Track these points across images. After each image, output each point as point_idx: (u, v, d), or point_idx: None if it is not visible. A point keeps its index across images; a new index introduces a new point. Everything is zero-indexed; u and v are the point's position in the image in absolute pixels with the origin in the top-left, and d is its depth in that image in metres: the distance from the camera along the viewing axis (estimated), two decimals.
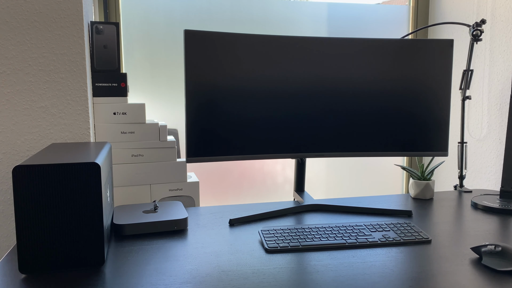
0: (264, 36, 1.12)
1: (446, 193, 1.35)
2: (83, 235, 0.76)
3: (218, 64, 1.09)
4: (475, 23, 1.34)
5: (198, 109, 1.09)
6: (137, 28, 1.52)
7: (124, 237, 0.94)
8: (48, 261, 0.75)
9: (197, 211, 1.15)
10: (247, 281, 0.72)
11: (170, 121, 1.59)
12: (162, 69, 1.56)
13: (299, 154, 1.18)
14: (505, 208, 1.12)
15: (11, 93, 1.10)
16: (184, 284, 0.71)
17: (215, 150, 1.11)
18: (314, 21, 1.68)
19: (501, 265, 0.76)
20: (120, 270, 0.77)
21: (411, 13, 1.77)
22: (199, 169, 1.63)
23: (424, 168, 1.30)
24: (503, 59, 1.44)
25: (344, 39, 1.17)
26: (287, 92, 1.15)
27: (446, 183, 1.73)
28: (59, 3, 1.10)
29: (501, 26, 1.44)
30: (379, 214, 1.12)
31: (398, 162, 1.82)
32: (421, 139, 1.22)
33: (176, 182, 1.24)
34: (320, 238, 0.90)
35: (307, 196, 1.23)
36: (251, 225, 1.03)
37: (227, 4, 1.59)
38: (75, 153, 0.84)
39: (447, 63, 1.21)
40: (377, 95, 1.19)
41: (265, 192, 1.71)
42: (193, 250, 0.87)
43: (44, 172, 0.72)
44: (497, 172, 1.47)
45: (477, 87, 1.55)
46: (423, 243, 0.90)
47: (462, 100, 1.39)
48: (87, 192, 0.75)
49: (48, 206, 0.73)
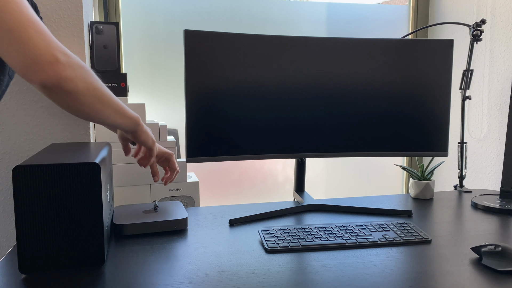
0: (264, 36, 1.12)
1: (446, 193, 1.35)
2: (83, 235, 0.76)
3: (218, 64, 1.09)
4: (475, 23, 1.34)
5: (198, 109, 1.09)
6: (137, 28, 1.52)
7: (124, 237, 0.94)
8: (48, 261, 0.75)
9: (197, 211, 1.15)
10: (247, 281, 0.72)
11: (170, 121, 1.59)
12: (162, 69, 1.56)
13: (299, 154, 1.18)
14: (505, 208, 1.12)
15: (11, 93, 1.10)
16: (184, 284, 0.71)
17: (215, 150, 1.11)
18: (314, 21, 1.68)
19: (501, 265, 0.76)
20: (120, 270, 0.77)
21: (411, 13, 1.77)
22: (199, 169, 1.63)
23: (424, 168, 1.30)
24: (503, 59, 1.44)
25: (344, 39, 1.17)
26: (287, 92, 1.15)
27: (446, 183, 1.73)
28: (59, 3, 1.10)
29: (501, 26, 1.44)
30: (379, 214, 1.12)
31: (398, 162, 1.82)
32: (421, 139, 1.22)
33: (176, 182, 1.24)
34: (320, 238, 0.90)
35: (307, 196, 1.23)
36: (251, 225, 1.03)
37: (227, 4, 1.59)
38: (75, 153, 0.84)
39: (447, 63, 1.21)
40: (377, 95, 1.19)
41: (265, 192, 1.71)
42: (193, 250, 0.87)
43: (44, 172, 0.72)
44: (497, 172, 1.47)
45: (477, 87, 1.55)
46: (423, 243, 0.90)
47: (462, 100, 1.39)
48: (87, 192, 0.75)
49: (48, 206, 0.73)
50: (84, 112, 0.69)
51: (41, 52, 0.61)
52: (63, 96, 0.65)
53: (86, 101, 0.68)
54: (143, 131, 0.88)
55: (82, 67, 0.66)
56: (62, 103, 0.66)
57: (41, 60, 0.61)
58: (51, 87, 0.63)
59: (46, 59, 0.61)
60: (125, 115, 0.80)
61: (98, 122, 0.75)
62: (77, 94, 0.66)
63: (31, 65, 0.61)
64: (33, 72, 0.61)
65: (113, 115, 0.75)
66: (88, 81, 0.67)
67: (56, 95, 0.64)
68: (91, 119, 0.72)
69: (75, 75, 0.65)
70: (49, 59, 0.62)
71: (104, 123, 0.76)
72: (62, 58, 0.63)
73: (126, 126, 0.82)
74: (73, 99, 0.66)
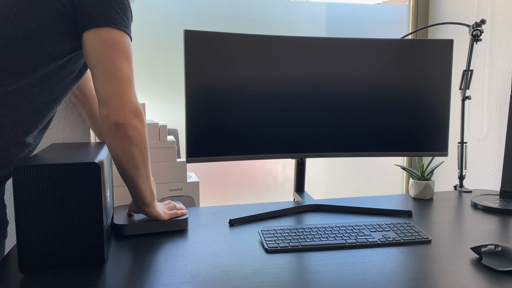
0: (264, 36, 1.12)
1: (446, 193, 1.35)
2: (83, 235, 0.76)
3: (218, 64, 1.09)
4: (475, 23, 1.34)
5: (198, 109, 1.09)
6: (137, 28, 1.52)
7: (124, 237, 0.94)
8: (48, 261, 0.75)
9: (197, 211, 1.15)
10: (247, 281, 0.72)
11: (170, 121, 1.59)
12: (162, 69, 1.56)
13: (299, 154, 1.18)
14: (505, 208, 1.12)
15: None
16: (184, 284, 0.71)
17: (215, 150, 1.11)
18: (314, 21, 1.68)
19: (501, 265, 0.76)
20: (120, 270, 0.77)
21: (411, 13, 1.77)
22: (199, 169, 1.63)
23: (424, 168, 1.30)
24: (503, 59, 1.44)
25: (344, 39, 1.17)
26: (287, 92, 1.15)
27: (446, 183, 1.73)
28: None
29: (501, 26, 1.44)
30: (379, 214, 1.12)
31: (398, 162, 1.82)
32: (421, 139, 1.22)
33: (176, 182, 1.24)
34: (320, 238, 0.90)
35: (307, 196, 1.23)
36: (251, 225, 1.03)
37: (227, 4, 1.59)
38: (75, 153, 0.84)
39: (447, 63, 1.21)
40: (377, 95, 1.19)
41: (265, 192, 1.71)
42: (193, 250, 0.87)
43: (44, 172, 0.72)
44: (497, 172, 1.47)
45: (477, 87, 1.55)
46: (423, 243, 0.90)
47: (462, 100, 1.39)
48: (87, 192, 0.75)
49: (48, 206, 0.73)
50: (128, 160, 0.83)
51: (130, 103, 0.80)
52: (122, 139, 0.81)
53: (135, 152, 0.83)
54: (155, 206, 0.94)
55: (145, 126, 0.84)
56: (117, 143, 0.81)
57: (127, 108, 0.80)
58: (120, 128, 0.80)
59: (130, 108, 0.80)
60: (149, 185, 0.89)
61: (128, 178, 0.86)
62: (133, 142, 0.82)
63: (118, 108, 0.79)
64: (116, 113, 0.79)
65: (143, 178, 0.87)
66: (144, 138, 0.84)
67: (118, 135, 0.80)
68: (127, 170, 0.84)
69: (139, 128, 0.82)
70: (131, 109, 0.80)
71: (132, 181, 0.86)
72: (138, 112, 0.81)
73: (145, 195, 0.89)
74: (128, 145, 0.81)
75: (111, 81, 0.79)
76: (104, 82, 0.79)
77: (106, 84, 0.79)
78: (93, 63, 0.80)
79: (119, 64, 0.79)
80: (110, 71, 0.79)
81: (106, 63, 0.79)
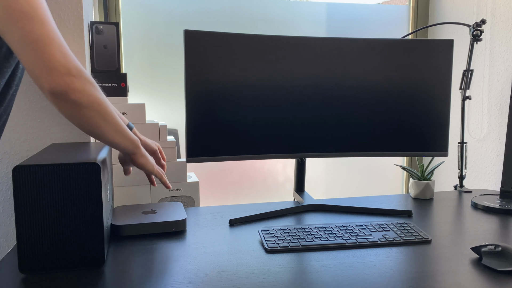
0: (264, 36, 1.12)
1: (446, 193, 1.35)
2: (83, 235, 0.76)
3: (218, 64, 1.09)
4: (475, 23, 1.34)
5: (198, 109, 1.09)
6: (137, 28, 1.52)
7: (124, 237, 0.94)
8: (48, 261, 0.75)
9: (197, 211, 1.15)
10: (247, 281, 0.72)
11: (170, 121, 1.59)
12: (162, 69, 1.56)
13: (299, 154, 1.18)
14: (505, 208, 1.12)
15: None
16: (184, 284, 0.71)
17: (215, 150, 1.11)
18: (314, 21, 1.68)
19: (501, 265, 0.76)
20: (120, 270, 0.77)
21: (411, 13, 1.77)
22: (199, 169, 1.63)
23: (424, 168, 1.30)
24: (503, 59, 1.44)
25: (344, 39, 1.17)
26: (287, 92, 1.15)
27: (446, 183, 1.73)
28: (59, 3, 1.10)
29: (501, 26, 1.44)
30: (379, 214, 1.12)
31: (398, 162, 1.82)
32: (421, 139, 1.22)
33: (176, 182, 1.24)
34: (320, 238, 0.90)
35: (307, 196, 1.23)
36: (251, 225, 1.03)
37: (227, 4, 1.59)
38: (75, 153, 0.84)
39: (447, 63, 1.21)
40: (377, 95, 1.19)
41: (265, 192, 1.71)
42: (193, 250, 0.87)
43: (44, 172, 0.72)
44: (497, 172, 1.47)
45: (477, 87, 1.55)
46: (423, 243, 0.90)
47: (462, 100, 1.39)
48: (87, 192, 0.75)
49: (48, 206, 0.73)
50: (85, 124, 0.74)
51: (57, 64, 0.68)
52: (68, 106, 0.71)
53: (88, 114, 0.73)
54: (141, 155, 0.89)
55: (91, 83, 0.73)
56: (66, 112, 0.72)
57: (56, 71, 0.68)
58: (59, 95, 0.69)
59: (60, 70, 0.68)
60: (124, 136, 0.83)
61: (98, 138, 0.79)
62: (81, 106, 0.71)
63: (46, 74, 0.68)
64: (46, 80, 0.68)
65: (112, 132, 0.79)
66: (93, 96, 0.73)
67: (62, 103, 0.70)
68: (91, 133, 0.77)
69: (82, 89, 0.71)
70: (62, 71, 0.68)
71: (103, 139, 0.79)
72: (74, 71, 0.70)
73: (124, 146, 0.84)
74: (77, 110, 0.72)
75: (26, 48, 0.66)
76: (20, 52, 0.67)
77: (23, 54, 0.67)
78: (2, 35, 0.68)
79: (23, 25, 0.66)
80: (20, 37, 0.66)
81: (13, 30, 0.66)
